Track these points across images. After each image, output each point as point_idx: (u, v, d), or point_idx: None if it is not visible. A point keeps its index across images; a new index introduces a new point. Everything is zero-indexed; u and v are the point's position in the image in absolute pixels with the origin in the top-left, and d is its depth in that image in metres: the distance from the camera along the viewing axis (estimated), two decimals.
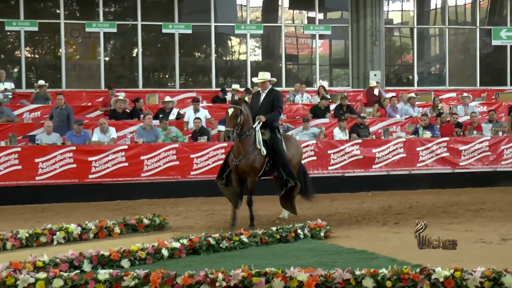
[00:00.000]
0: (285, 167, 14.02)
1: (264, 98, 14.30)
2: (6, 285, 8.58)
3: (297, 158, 14.82)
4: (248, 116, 13.80)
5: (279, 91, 14.83)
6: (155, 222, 14.06)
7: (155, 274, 8.49)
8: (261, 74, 14.54)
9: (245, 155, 13.78)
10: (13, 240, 12.11)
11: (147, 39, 28.22)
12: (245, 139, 13.80)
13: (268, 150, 13.99)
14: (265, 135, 14.06)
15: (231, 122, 13.52)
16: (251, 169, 13.86)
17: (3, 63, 27.00)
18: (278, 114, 14.35)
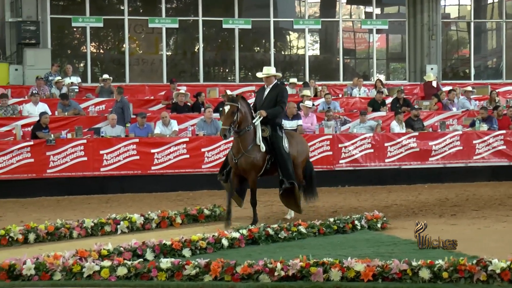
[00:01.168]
0: (283, 166, 13.46)
1: (268, 93, 13.73)
2: (73, 273, 8.89)
3: (302, 156, 14.22)
4: (246, 113, 13.19)
5: (284, 86, 14.48)
6: (215, 213, 14.32)
7: (216, 263, 8.71)
8: (266, 68, 14.00)
9: (244, 153, 13.23)
10: (79, 229, 12.47)
11: (208, 34, 28.51)
12: (244, 136, 13.22)
13: (268, 148, 13.42)
14: (265, 132, 13.47)
15: (228, 120, 12.92)
16: (252, 167, 13.34)
17: (69, 58, 27.57)
18: (281, 109, 13.75)
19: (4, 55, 25.85)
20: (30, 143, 18.83)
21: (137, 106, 22.61)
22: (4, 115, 20.60)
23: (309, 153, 15.12)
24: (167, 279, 8.70)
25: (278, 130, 13.57)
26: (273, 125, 13.56)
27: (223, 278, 8.62)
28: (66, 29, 27.56)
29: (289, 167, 13.47)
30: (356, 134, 21.08)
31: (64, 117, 20.77)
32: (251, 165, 13.28)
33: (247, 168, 13.30)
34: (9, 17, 25.62)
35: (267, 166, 13.52)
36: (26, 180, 18.77)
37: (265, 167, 13.51)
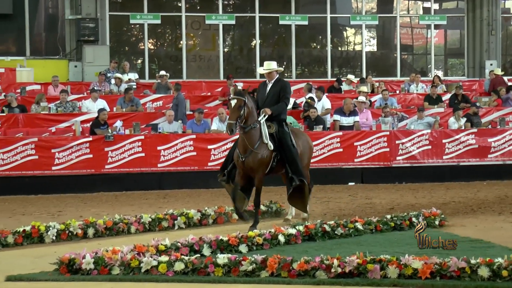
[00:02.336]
0: (292, 163, 12.80)
1: (270, 89, 13.10)
2: (131, 267, 9.00)
3: (307, 156, 13.57)
4: (252, 108, 12.60)
5: (287, 81, 13.85)
6: (272, 209, 14.35)
7: (272, 259, 8.73)
8: (267, 63, 13.34)
9: (253, 151, 12.52)
10: (137, 224, 12.62)
11: (265, 30, 28.54)
12: (250, 133, 12.54)
13: (275, 145, 12.76)
14: (271, 128, 12.84)
15: (234, 114, 12.32)
16: (260, 165, 12.63)
17: (127, 54, 27.84)
18: (285, 105, 13.15)
19: (64, 52, 26.21)
20: (89, 139, 19.06)
21: (194, 102, 22.73)
22: (63, 111, 20.89)
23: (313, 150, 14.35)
24: (223, 275, 8.75)
25: (284, 126, 13.01)
26: (279, 121, 12.97)
27: (279, 274, 8.64)
28: (124, 26, 27.84)
29: (298, 163, 12.84)
30: (413, 130, 20.91)
31: (122, 113, 20.97)
32: (259, 163, 12.59)
33: (255, 166, 12.59)
34: (69, 14, 25.96)
35: (273, 164, 12.85)
36: (85, 175, 19.01)
37: (271, 164, 12.83)
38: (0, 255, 10.54)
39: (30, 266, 9.39)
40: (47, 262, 9.28)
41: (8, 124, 20.12)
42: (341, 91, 24.64)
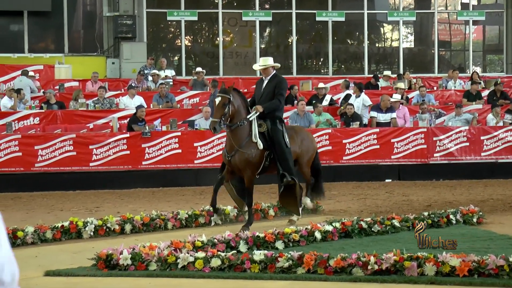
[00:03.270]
0: (283, 161, 12.37)
1: (266, 85, 12.73)
2: (168, 263, 9.05)
3: (308, 154, 13.20)
4: (239, 106, 12.21)
5: (283, 77, 13.41)
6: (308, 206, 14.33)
7: (309, 256, 8.72)
8: (263, 59, 13.11)
9: (238, 150, 12.19)
10: (174, 220, 12.68)
11: (302, 27, 28.52)
12: (236, 131, 12.23)
13: (267, 143, 12.40)
14: (262, 126, 12.43)
15: (218, 113, 11.98)
16: (247, 165, 12.27)
17: (165, 51, 27.98)
18: (278, 102, 12.64)
19: (102, 49, 26.41)
20: (126, 135, 19.18)
21: None
22: (101, 107, 21.04)
23: (316, 150, 13.80)
24: (260, 271, 8.76)
25: (277, 124, 12.53)
26: (272, 118, 12.53)
27: (316, 271, 8.64)
28: (162, 23, 27.97)
29: (290, 161, 12.43)
30: (451, 127, 20.77)
31: (159, 110, 21.08)
32: (245, 162, 12.23)
33: (242, 165, 12.25)
34: (107, 11, 26.16)
35: (266, 163, 12.46)
36: (122, 171, 19.14)
37: (264, 164, 12.45)
38: (39, 250, 10.64)
39: (69, 261, 9.48)
40: (85, 257, 9.36)
41: (46, 120, 20.31)
42: (378, 88, 24.55)
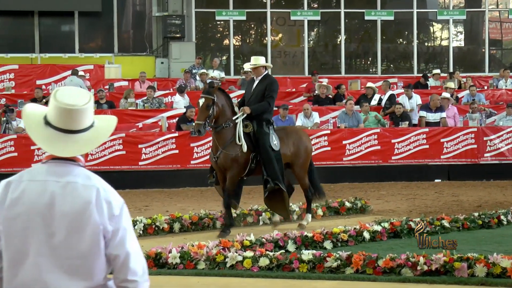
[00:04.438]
0: (268, 165, 12.02)
1: (256, 86, 12.33)
2: (216, 262, 9.09)
3: (301, 157, 12.74)
4: (223, 106, 11.97)
5: (274, 78, 12.98)
6: (356, 206, 14.27)
7: (357, 256, 8.71)
8: (254, 58, 12.65)
9: (222, 151, 11.98)
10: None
11: (350, 26, 28.40)
12: (221, 132, 12.01)
13: (252, 145, 12.12)
14: (248, 127, 12.14)
15: (202, 114, 11.74)
16: (231, 166, 12.03)
17: (213, 51, 28.08)
18: (268, 105, 12.21)
19: (151, 48, 26.60)
20: (175, 134, 19.27)
21: (279, 98, 22.59)
22: (150, 107, 21.18)
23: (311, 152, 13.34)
24: (308, 271, 8.77)
25: (264, 126, 12.14)
26: (259, 120, 12.16)
27: (364, 271, 8.62)
28: (210, 23, 28.06)
29: (275, 166, 12.02)
30: (502, 127, 20.51)
31: None
32: (231, 163, 12.01)
33: (227, 166, 12.03)
34: (156, 11, 26.34)
35: (252, 165, 12.18)
36: (171, 170, 19.23)
37: (250, 166, 12.16)
38: None
39: None
40: None
41: None
42: (427, 87, 24.35)
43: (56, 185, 3.46)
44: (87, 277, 3.44)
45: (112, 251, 3.47)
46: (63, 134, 3.50)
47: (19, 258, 3.41)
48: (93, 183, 3.53)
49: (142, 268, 3.54)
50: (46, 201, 3.43)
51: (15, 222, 3.42)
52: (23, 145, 18.69)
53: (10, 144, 18.72)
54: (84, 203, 3.44)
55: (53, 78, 23.46)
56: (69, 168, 3.53)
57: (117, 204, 3.55)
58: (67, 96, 3.52)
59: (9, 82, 22.89)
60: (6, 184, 3.50)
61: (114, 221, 3.49)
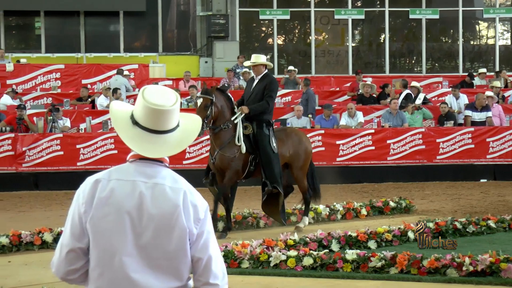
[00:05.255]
0: (267, 168, 11.80)
1: (256, 85, 12.13)
2: (260, 261, 9.12)
3: (300, 159, 12.53)
4: (222, 107, 11.76)
5: (274, 77, 12.77)
6: (401, 205, 14.21)
7: (402, 256, 8.68)
8: (254, 56, 12.35)
9: (219, 152, 11.76)
10: (266, 219, 12.76)
11: (394, 25, 28.24)
12: (219, 134, 11.81)
13: (252, 147, 11.91)
14: (247, 129, 11.94)
15: (200, 115, 11.19)
16: (228, 167, 11.81)
17: (257, 50, 28.00)
18: (267, 105, 11.96)
19: (195, 48, 26.72)
20: None
21: (323, 97, 22.73)
22: (194, 106, 21.24)
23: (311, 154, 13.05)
24: (352, 271, 8.75)
25: (264, 128, 11.93)
26: (259, 121, 11.97)
27: (409, 271, 8.58)
28: (254, 22, 28.10)
29: (274, 169, 11.82)
30: None
31: None
32: (227, 164, 11.80)
33: (224, 167, 11.78)
34: (200, 11, 26.45)
35: (251, 168, 12.00)
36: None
37: (248, 168, 11.99)
38: None
39: None
40: None
41: None
42: (473, 86, 24.12)
43: (144, 186, 3.48)
44: (173, 278, 3.48)
45: (196, 254, 3.50)
46: (151, 134, 3.50)
47: (106, 257, 3.44)
48: (180, 185, 3.54)
49: (223, 272, 3.57)
50: (135, 202, 3.45)
51: (103, 222, 3.45)
52: (68, 144, 18.91)
53: (56, 143, 18.91)
54: (172, 206, 3.46)
55: (98, 77, 23.66)
56: (157, 169, 3.54)
57: (202, 207, 3.57)
58: (156, 96, 3.52)
59: (55, 82, 23.13)
60: (94, 182, 3.51)
61: (199, 224, 3.52)
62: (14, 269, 9.72)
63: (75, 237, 3.48)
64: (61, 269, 3.53)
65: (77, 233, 3.48)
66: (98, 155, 18.86)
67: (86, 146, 18.93)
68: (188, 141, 3.60)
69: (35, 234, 11.16)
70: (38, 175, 18.88)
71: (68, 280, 3.56)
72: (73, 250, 3.49)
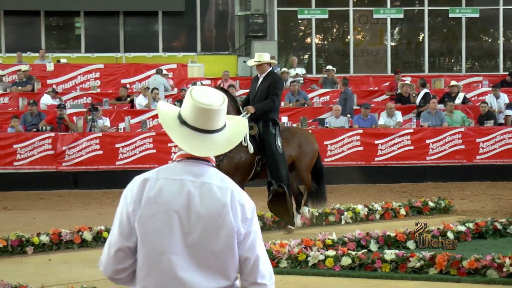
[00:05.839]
0: (273, 167, 11.52)
1: (260, 83, 11.89)
2: (298, 261, 9.11)
3: (306, 158, 12.25)
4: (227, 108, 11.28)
5: (278, 74, 12.19)
6: (440, 205, 14.11)
7: (441, 256, 8.61)
8: (258, 55, 12.15)
9: (227, 154, 11.13)
10: (304, 218, 12.71)
11: (434, 24, 28.04)
12: None
13: (258, 147, 11.62)
14: (253, 129, 11.63)
15: None
16: (236, 170, 11.38)
17: (295, 50, 28.07)
18: (272, 103, 11.72)
19: (233, 47, 26.77)
20: None
21: (361, 97, 22.65)
22: None
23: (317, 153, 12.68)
24: (391, 271, 8.70)
25: (270, 127, 11.67)
26: (265, 120, 11.71)
27: (448, 272, 8.52)
28: (292, 21, 28.09)
29: (281, 168, 11.53)
30: None
31: (290, 108, 21.16)
32: (235, 167, 11.43)
33: (231, 171, 11.13)
34: (238, 10, 26.50)
35: (257, 169, 11.73)
36: None
37: (255, 169, 11.73)
38: None
39: None
40: None
41: None
42: None
43: (192, 185, 3.49)
44: (221, 277, 3.49)
45: (243, 254, 3.51)
46: (199, 134, 3.52)
47: (154, 256, 3.46)
48: (227, 185, 3.55)
49: (270, 271, 3.58)
50: (183, 201, 3.47)
51: (152, 221, 3.46)
52: (108, 143, 19.03)
53: (96, 142, 19.04)
54: (220, 205, 3.47)
55: (137, 77, 23.80)
56: (204, 168, 3.56)
57: (249, 207, 3.58)
58: (204, 96, 3.55)
59: (95, 81, 23.31)
60: (143, 181, 3.53)
61: (247, 224, 3.53)
62: (54, 267, 9.81)
63: (124, 236, 3.51)
64: (109, 268, 3.55)
65: (125, 232, 3.50)
66: (136, 154, 18.96)
67: (125, 145, 19.04)
68: (236, 142, 3.62)
69: (75, 232, 11.26)
70: (77, 174, 19.05)
71: (116, 280, 3.58)
72: (121, 249, 3.51)
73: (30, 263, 10.16)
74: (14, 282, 8.10)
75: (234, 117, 3.74)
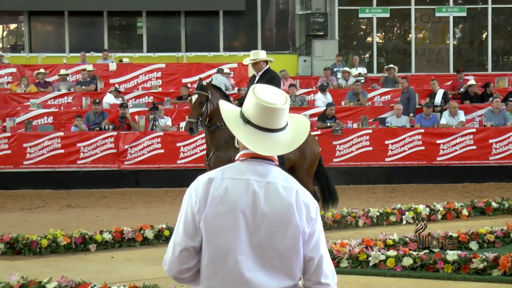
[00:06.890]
0: None
1: (257, 82, 11.20)
2: (359, 261, 9.08)
3: (307, 161, 11.71)
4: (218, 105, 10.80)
5: (275, 72, 12.08)
6: (503, 206, 13.93)
7: (505, 257, 8.51)
8: (253, 53, 11.86)
9: (215, 153, 10.95)
10: (365, 218, 12.73)
11: (497, 22, 27.66)
12: (215, 133, 11.00)
13: None
14: None
15: (195, 112, 10.85)
16: None
17: (355, 49, 27.96)
18: None
19: (294, 46, 26.77)
20: (317, 132, 19.28)
21: (423, 96, 22.41)
22: (292, 105, 21.28)
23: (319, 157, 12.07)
24: (453, 272, 8.62)
25: None
26: None
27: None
28: (353, 20, 27.98)
29: None
30: None
31: (350, 107, 21.08)
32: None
33: None
34: (299, 10, 26.50)
35: None
36: None
37: None
38: None
39: None
40: None
41: None
42: None
43: (257, 184, 3.50)
44: (286, 277, 3.49)
45: (307, 253, 3.52)
46: (262, 132, 3.52)
47: (220, 256, 3.46)
48: (292, 184, 3.55)
49: (332, 272, 3.59)
50: (249, 201, 3.47)
51: (218, 220, 3.47)
52: (169, 142, 19.20)
53: (157, 141, 19.22)
54: (285, 205, 3.48)
55: (198, 76, 23.87)
56: (268, 168, 3.56)
57: (313, 207, 3.57)
58: (267, 95, 3.54)
59: (156, 81, 23.50)
60: (208, 181, 3.53)
61: (311, 223, 3.53)
62: (116, 265, 9.93)
63: (188, 236, 3.51)
64: (173, 268, 3.56)
65: (190, 231, 3.51)
66: (197, 153, 19.08)
67: (186, 144, 19.18)
68: (300, 141, 3.60)
69: (137, 230, 11.37)
70: (139, 172, 19.25)
71: (180, 279, 3.59)
72: (186, 249, 3.51)
73: (93, 261, 10.30)
74: (77, 279, 8.21)
75: (294, 115, 3.71)
